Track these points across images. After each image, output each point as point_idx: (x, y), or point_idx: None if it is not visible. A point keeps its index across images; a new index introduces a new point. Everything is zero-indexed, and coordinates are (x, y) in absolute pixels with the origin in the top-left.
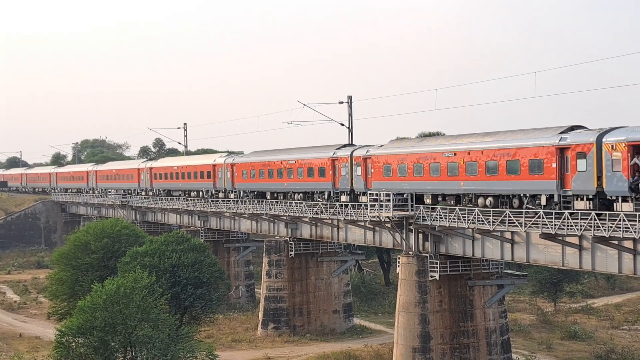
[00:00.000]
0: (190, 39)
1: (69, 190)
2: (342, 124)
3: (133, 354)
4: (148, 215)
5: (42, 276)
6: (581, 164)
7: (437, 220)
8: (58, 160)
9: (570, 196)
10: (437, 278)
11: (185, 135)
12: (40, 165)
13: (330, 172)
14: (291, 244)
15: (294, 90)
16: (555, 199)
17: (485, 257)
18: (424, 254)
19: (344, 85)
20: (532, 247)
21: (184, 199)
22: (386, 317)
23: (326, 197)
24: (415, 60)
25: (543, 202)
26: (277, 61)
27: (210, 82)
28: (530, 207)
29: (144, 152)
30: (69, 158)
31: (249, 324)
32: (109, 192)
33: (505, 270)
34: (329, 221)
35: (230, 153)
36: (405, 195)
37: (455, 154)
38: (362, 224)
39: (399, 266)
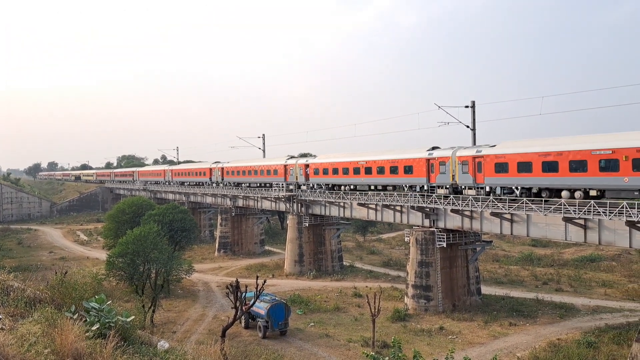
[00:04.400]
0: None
1: (147, 183)
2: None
3: (149, 266)
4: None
5: (99, 226)
6: (442, 168)
7: (307, 197)
8: (109, 166)
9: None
10: (307, 225)
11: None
12: (99, 168)
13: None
14: (232, 209)
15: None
16: (425, 188)
17: (331, 215)
18: (300, 214)
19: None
20: (354, 211)
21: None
22: (281, 246)
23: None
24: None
25: (417, 190)
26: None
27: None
28: (408, 192)
29: (156, 162)
30: (115, 164)
31: (210, 250)
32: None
33: (341, 222)
34: (252, 197)
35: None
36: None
37: (366, 162)
38: (270, 198)
39: (288, 220)
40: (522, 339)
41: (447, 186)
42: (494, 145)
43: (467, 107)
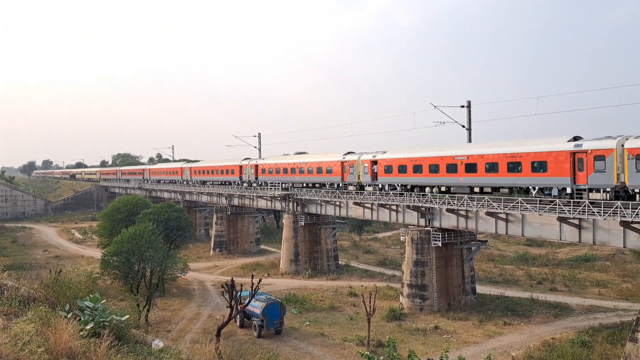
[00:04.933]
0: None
1: (160, 181)
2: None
3: (143, 265)
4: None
5: (94, 225)
6: (352, 170)
7: (303, 196)
8: (104, 165)
9: (346, 184)
10: (303, 224)
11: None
12: (103, 165)
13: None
14: (228, 208)
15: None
16: (340, 185)
17: (327, 214)
18: (296, 213)
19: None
20: (349, 210)
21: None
22: (277, 245)
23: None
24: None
25: (335, 187)
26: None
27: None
28: (330, 189)
29: (151, 160)
30: (110, 162)
31: (206, 249)
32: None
33: (337, 221)
34: (248, 196)
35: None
36: (284, 184)
37: (306, 164)
38: (266, 197)
39: (284, 219)
40: (517, 338)
41: (355, 184)
42: (385, 152)
43: (462, 107)
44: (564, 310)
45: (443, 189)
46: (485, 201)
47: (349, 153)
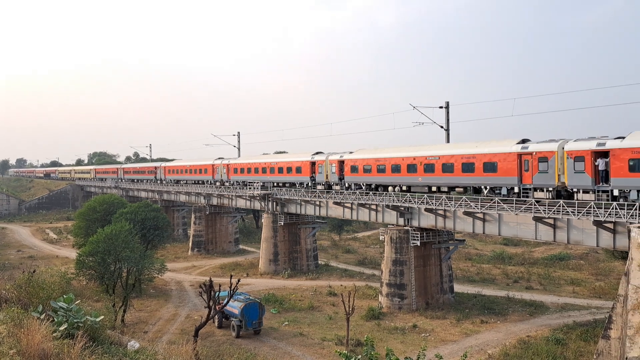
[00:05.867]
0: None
1: (135, 181)
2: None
3: (120, 265)
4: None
5: (69, 224)
6: (320, 169)
7: (282, 195)
8: (79, 163)
9: (315, 183)
10: (282, 224)
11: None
12: (68, 165)
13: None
14: (206, 208)
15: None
16: (309, 184)
17: (307, 214)
18: (275, 213)
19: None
20: (329, 210)
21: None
22: (256, 244)
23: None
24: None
25: (305, 186)
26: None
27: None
28: (300, 187)
29: (128, 159)
30: (85, 161)
31: (184, 249)
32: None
33: (317, 220)
34: (227, 195)
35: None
36: (264, 183)
37: (276, 163)
38: (245, 196)
39: (263, 218)
40: (493, 336)
41: (323, 183)
42: (352, 152)
43: (441, 107)
44: (539, 309)
45: (404, 188)
46: (463, 201)
47: (317, 153)
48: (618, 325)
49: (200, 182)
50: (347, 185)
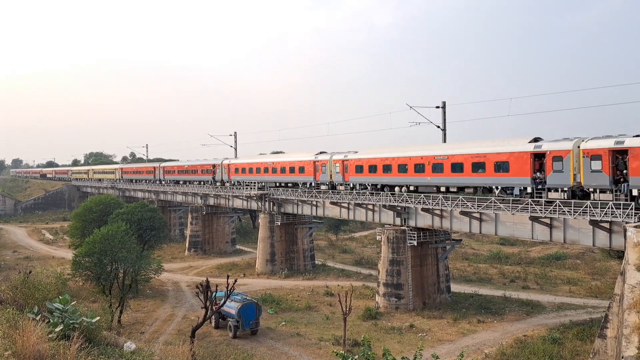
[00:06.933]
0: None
1: (133, 181)
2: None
3: (116, 266)
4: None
5: (65, 225)
6: (324, 169)
7: (279, 195)
8: (76, 164)
9: (319, 183)
10: (279, 224)
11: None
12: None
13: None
14: (203, 208)
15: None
16: (313, 185)
17: (304, 214)
18: (272, 213)
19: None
20: (326, 210)
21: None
22: (253, 245)
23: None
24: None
25: (308, 186)
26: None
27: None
28: (304, 187)
29: (124, 159)
30: (82, 161)
31: (180, 249)
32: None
33: (313, 220)
34: (224, 195)
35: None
36: (262, 184)
37: (279, 163)
38: (242, 196)
39: (260, 218)
40: (490, 336)
41: (327, 183)
42: (357, 152)
43: (438, 107)
44: (536, 308)
45: (412, 188)
46: (459, 201)
47: (321, 153)
48: (614, 325)
49: (199, 182)
50: (352, 185)
